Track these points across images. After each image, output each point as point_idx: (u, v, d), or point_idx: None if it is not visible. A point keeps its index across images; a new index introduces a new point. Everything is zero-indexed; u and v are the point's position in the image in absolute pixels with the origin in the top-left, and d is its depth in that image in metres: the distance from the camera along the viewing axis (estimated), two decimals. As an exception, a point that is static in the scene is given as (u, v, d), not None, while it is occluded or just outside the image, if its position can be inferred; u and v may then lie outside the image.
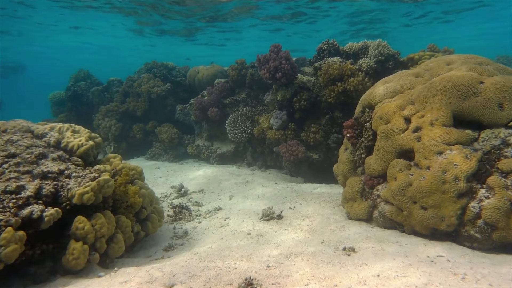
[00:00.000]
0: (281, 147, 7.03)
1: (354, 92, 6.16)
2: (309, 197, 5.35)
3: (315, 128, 6.95)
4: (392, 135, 4.03)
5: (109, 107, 10.50)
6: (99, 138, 4.05)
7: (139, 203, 3.69)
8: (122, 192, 3.66)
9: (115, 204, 3.63)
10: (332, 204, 4.96)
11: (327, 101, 6.76)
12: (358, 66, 6.35)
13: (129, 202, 3.65)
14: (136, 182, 4.00)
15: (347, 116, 6.65)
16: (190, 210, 5.17)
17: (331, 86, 6.43)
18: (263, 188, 5.97)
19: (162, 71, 10.84)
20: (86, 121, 11.55)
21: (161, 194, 6.03)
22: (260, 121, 7.76)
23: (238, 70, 9.07)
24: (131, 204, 3.67)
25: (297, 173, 7.15)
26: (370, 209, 4.13)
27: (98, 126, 10.58)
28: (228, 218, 4.79)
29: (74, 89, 11.60)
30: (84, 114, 11.75)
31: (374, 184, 4.20)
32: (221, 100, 9.21)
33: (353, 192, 4.40)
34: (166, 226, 4.68)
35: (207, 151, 9.36)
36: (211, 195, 5.96)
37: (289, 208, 4.90)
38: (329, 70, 6.39)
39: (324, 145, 6.99)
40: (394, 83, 4.51)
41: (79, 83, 12.24)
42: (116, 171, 3.82)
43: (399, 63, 6.24)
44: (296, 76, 7.33)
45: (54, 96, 12.68)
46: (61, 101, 12.32)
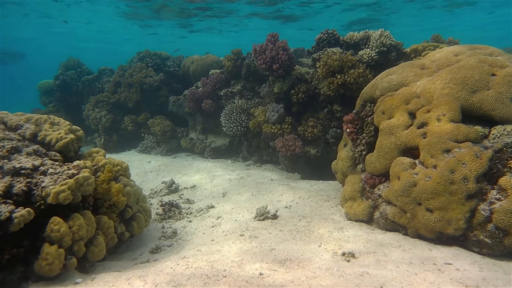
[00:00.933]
0: (278, 142, 6.80)
1: (354, 84, 5.92)
2: (306, 195, 5.13)
3: (313, 122, 6.71)
4: (395, 131, 3.80)
5: (99, 97, 10.19)
6: (80, 131, 3.79)
7: (122, 202, 3.46)
8: (105, 190, 3.42)
9: (97, 203, 3.39)
10: (330, 203, 4.75)
11: (326, 94, 6.51)
12: (359, 57, 6.10)
13: (112, 201, 3.41)
14: (121, 179, 3.75)
15: (346, 110, 6.42)
16: (180, 208, 4.94)
17: (330, 78, 6.18)
18: (258, 185, 5.74)
19: (155, 60, 10.53)
20: (76, 111, 11.26)
21: (151, 190, 5.79)
22: (256, 114, 7.50)
23: (234, 60, 8.78)
24: (114, 203, 3.44)
25: (294, 169, 6.93)
26: (371, 210, 3.92)
27: (87, 117, 10.28)
28: (220, 217, 4.56)
29: (63, 78, 11.26)
30: (74, 104, 11.44)
31: (375, 183, 3.98)
32: (216, 92, 8.93)
33: (353, 192, 4.18)
34: (155, 225, 4.45)
35: (201, 144, 9.11)
36: (204, 191, 5.73)
37: (285, 207, 4.68)
38: (329, 61, 6.13)
39: (322, 140, 6.76)
40: (397, 75, 4.27)
41: (69, 72, 11.90)
42: (99, 167, 3.57)
43: (402, 54, 5.99)
44: (294, 68, 7.07)
45: (43, 85, 12.33)
46: (50, 91, 11.99)
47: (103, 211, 3.37)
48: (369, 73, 5.86)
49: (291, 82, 6.89)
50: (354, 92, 6.02)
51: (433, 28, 18.85)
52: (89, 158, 3.71)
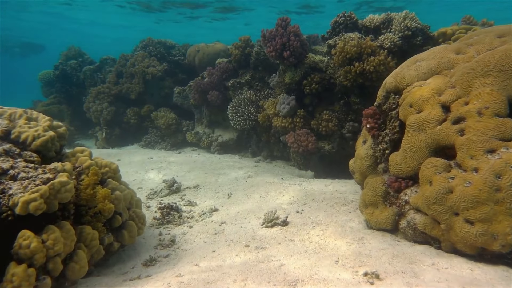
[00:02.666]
0: (289, 137, 6.34)
1: (374, 73, 5.41)
2: (320, 197, 4.69)
3: (328, 115, 6.23)
4: (425, 127, 3.31)
5: (100, 88, 9.86)
6: (63, 127, 3.41)
7: (109, 209, 3.07)
8: (89, 196, 3.04)
9: (80, 211, 3.01)
10: (347, 207, 4.29)
11: (342, 84, 6.02)
12: (380, 43, 5.57)
13: (98, 209, 3.03)
14: (109, 183, 3.37)
15: (365, 102, 5.92)
16: (180, 211, 4.56)
17: (348, 66, 5.68)
18: (267, 185, 5.32)
19: (158, 49, 10.13)
20: (78, 103, 11.00)
21: (151, 190, 5.43)
22: (266, 106, 7.05)
23: (242, 48, 8.33)
24: (100, 211, 3.05)
25: (307, 166, 6.48)
26: (396, 218, 3.46)
27: (88, 109, 9.98)
28: (224, 223, 4.16)
29: (62, 68, 10.98)
30: (75, 96, 11.16)
31: (401, 187, 3.51)
32: (222, 83, 8.50)
33: (374, 196, 3.72)
34: (151, 232, 4.08)
35: (208, 139, 8.71)
36: (207, 192, 5.33)
37: (296, 212, 4.25)
38: (346, 48, 5.62)
39: (337, 135, 6.28)
40: (428, 61, 3.75)
41: (70, 62, 11.61)
42: (83, 169, 3.19)
43: (428, 38, 5.44)
44: (306, 55, 6.57)
45: (44, 76, 12.09)
46: (51, 81, 11.74)
47: (86, 220, 2.99)
48: (391, 61, 5.34)
49: (303, 71, 6.40)
50: (374, 82, 5.52)
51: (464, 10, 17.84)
52: (72, 158, 3.33)
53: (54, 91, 11.38)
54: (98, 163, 3.46)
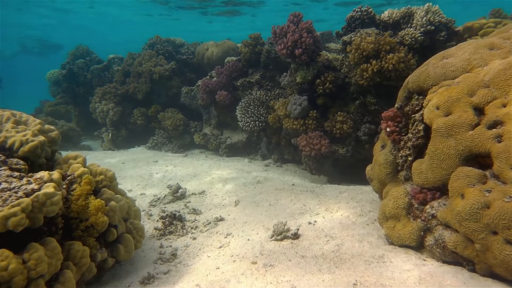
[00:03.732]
0: (300, 140, 6.02)
1: (393, 72, 5.05)
2: (334, 206, 4.36)
3: (342, 117, 5.89)
4: (455, 132, 2.97)
5: (106, 88, 9.68)
6: (55, 131, 3.16)
7: (103, 222, 2.81)
8: (81, 208, 2.78)
9: (70, 225, 2.76)
10: (365, 218, 3.96)
11: (358, 84, 5.68)
12: (400, 39, 5.21)
13: (90, 222, 2.77)
14: (104, 192, 3.11)
15: (383, 103, 5.57)
16: (184, 220, 4.28)
17: (364, 64, 5.34)
18: (277, 192, 5.01)
19: (166, 47, 9.90)
20: (85, 103, 10.85)
21: (154, 196, 5.17)
22: (276, 107, 6.74)
23: (252, 46, 8.03)
24: (92, 224, 2.79)
25: (319, 171, 6.14)
26: (421, 234, 3.11)
27: (94, 110, 9.81)
28: (230, 235, 3.87)
29: (69, 67, 10.83)
30: (82, 95, 11.01)
31: (426, 199, 3.16)
32: (231, 82, 8.22)
33: (396, 208, 3.38)
34: (152, 244, 3.81)
35: (216, 140, 8.44)
36: (213, 199, 5.05)
37: (309, 223, 3.93)
38: (362, 45, 5.28)
39: (353, 138, 5.93)
40: (456, 58, 3.40)
41: (77, 61, 11.47)
42: (75, 178, 2.93)
43: (453, 34, 5.07)
44: (320, 53, 6.25)
45: (51, 75, 11.97)
46: (58, 81, 11.62)
47: (77, 235, 2.73)
48: (412, 58, 4.98)
49: (316, 70, 6.07)
50: (393, 81, 5.18)
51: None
52: (64, 165, 3.08)
53: (61, 91, 11.26)
54: (93, 171, 3.20)
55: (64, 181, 2.91)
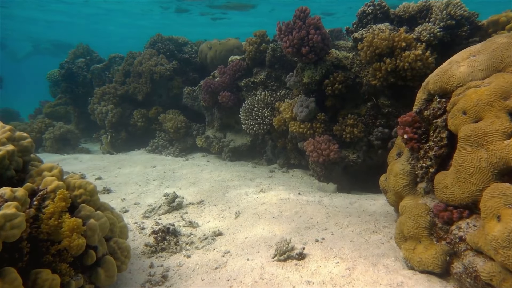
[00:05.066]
0: (307, 144, 5.63)
1: (409, 71, 4.65)
2: (344, 220, 3.97)
3: (353, 120, 5.49)
4: (487, 141, 2.57)
5: (105, 89, 9.39)
6: (27, 139, 2.83)
7: (78, 246, 2.46)
8: (52, 229, 2.44)
9: (40, 248, 2.41)
10: (379, 236, 3.56)
11: (369, 84, 5.28)
12: (416, 35, 4.80)
13: (62, 245, 2.42)
14: (82, 208, 2.76)
15: (398, 105, 5.17)
16: (179, 235, 3.93)
17: (377, 63, 4.94)
18: (281, 203, 4.63)
19: (167, 46, 9.58)
20: (84, 104, 10.59)
21: (149, 206, 4.83)
22: (281, 109, 6.36)
23: (257, 44, 7.66)
24: (66, 248, 2.44)
25: (328, 178, 5.75)
26: (447, 258, 2.71)
27: (93, 111, 9.53)
28: (228, 253, 3.51)
29: (68, 67, 10.56)
30: (82, 96, 10.75)
31: (452, 219, 2.76)
32: (235, 82, 7.86)
33: (416, 228, 2.98)
34: (141, 262, 3.46)
35: (219, 144, 8.09)
36: (212, 209, 4.69)
37: (316, 241, 3.55)
38: (375, 42, 4.88)
39: (364, 142, 5.53)
40: (486, 55, 2.99)
41: (78, 60, 11.21)
42: (47, 192, 2.59)
43: (476, 28, 4.64)
44: (328, 51, 5.86)
45: (51, 75, 11.76)
46: (58, 81, 11.38)
47: (47, 261, 2.39)
48: (431, 56, 4.57)
49: (325, 69, 5.68)
50: (409, 81, 4.77)
51: None
52: (37, 178, 2.74)
53: (59, 91, 11.01)
54: (71, 184, 2.86)
55: (35, 197, 2.58)
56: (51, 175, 2.76)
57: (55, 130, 9.22)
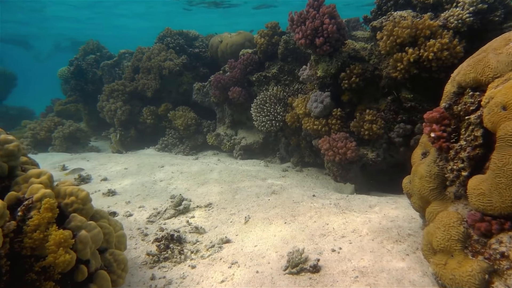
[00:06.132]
0: (322, 142, 5.31)
1: (434, 61, 4.26)
2: (364, 227, 3.64)
3: (372, 116, 5.13)
4: (533, 141, 2.20)
5: (113, 86, 9.22)
6: (13, 143, 2.60)
7: (65, 262, 2.22)
8: (37, 243, 2.21)
9: (23, 265, 2.18)
10: (403, 246, 3.22)
11: (390, 77, 4.91)
12: (443, 22, 4.40)
13: (47, 262, 2.19)
14: (73, 218, 2.53)
15: (421, 98, 4.80)
16: (184, 242, 3.68)
17: (398, 53, 4.56)
18: (294, 206, 4.33)
19: (177, 40, 9.32)
20: (94, 102, 10.45)
21: (154, 209, 4.59)
22: (294, 104, 6.03)
23: (269, 36, 7.34)
24: (51, 265, 2.21)
25: (345, 178, 5.42)
26: (486, 277, 2.37)
27: (101, 109, 9.38)
28: (236, 263, 3.23)
29: (77, 64, 10.42)
30: (92, 94, 10.61)
31: (491, 230, 2.41)
32: (246, 77, 7.57)
33: (447, 240, 2.63)
34: (141, 274, 3.22)
35: (230, 141, 7.82)
36: (221, 213, 4.43)
37: (332, 250, 3.24)
38: (396, 30, 4.50)
39: (384, 140, 5.17)
40: (529, 42, 2.61)
41: (88, 57, 11.09)
42: (33, 202, 2.36)
43: (511, 12, 4.21)
44: (344, 42, 5.49)
45: (62, 73, 11.68)
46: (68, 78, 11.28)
47: (30, 280, 2.16)
48: (459, 44, 4.17)
49: (341, 61, 5.33)
50: (434, 73, 4.40)
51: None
52: (24, 185, 2.51)
53: (69, 88, 10.91)
54: (61, 191, 2.63)
55: (20, 207, 2.35)
56: (38, 182, 2.53)
57: (64, 128, 9.12)
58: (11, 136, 2.65)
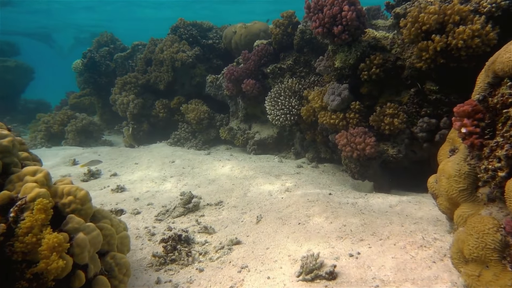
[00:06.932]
0: (340, 137, 5.04)
1: (464, 50, 3.93)
2: (384, 230, 3.38)
3: (393, 109, 4.83)
4: None
5: (126, 78, 9.10)
6: (7, 138, 2.45)
7: (58, 269, 2.06)
8: (29, 247, 2.06)
9: (13, 271, 2.03)
10: (429, 251, 2.96)
11: (413, 67, 4.59)
12: (474, 6, 4.05)
13: (38, 268, 2.03)
14: (70, 220, 2.36)
15: (448, 91, 4.47)
16: (192, 243, 3.51)
17: (423, 42, 4.24)
18: (309, 206, 4.10)
19: (190, 31, 9.13)
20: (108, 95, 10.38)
21: (163, 207, 4.44)
22: (310, 97, 5.77)
23: (284, 26, 7.07)
24: (43, 271, 2.05)
25: (363, 175, 5.14)
26: (525, 294, 2.10)
27: (114, 102, 9.29)
28: (246, 268, 3.04)
29: (90, 56, 10.35)
30: (105, 86, 10.54)
31: (533, 240, 2.14)
32: (260, 69, 7.33)
33: (481, 248, 2.36)
34: (146, 277, 3.06)
35: (243, 136, 7.62)
36: (231, 212, 4.24)
37: (350, 255, 3.00)
38: (421, 16, 4.18)
39: (406, 135, 4.87)
40: None
41: (101, 49, 11.02)
42: (26, 202, 2.20)
43: (551, -4, 3.83)
44: (365, 31, 5.18)
45: (77, 65, 11.64)
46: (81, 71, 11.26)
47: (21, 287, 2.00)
48: (492, 31, 3.82)
49: (360, 51, 5.03)
50: (464, 62, 4.06)
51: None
52: (18, 184, 2.36)
53: (82, 81, 10.88)
54: (58, 191, 2.47)
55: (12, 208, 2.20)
56: (34, 180, 2.37)
57: (77, 122, 9.08)
58: (5, 131, 2.50)
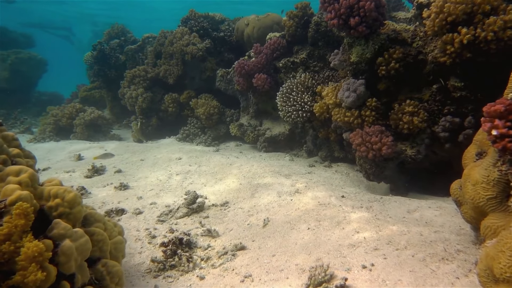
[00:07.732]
0: (354, 136, 4.77)
1: (494, 43, 3.61)
2: (401, 239, 3.12)
3: (413, 107, 4.54)
4: None
5: (135, 71, 8.96)
6: None
7: (36, 281, 1.88)
8: (6, 256, 1.89)
9: (-12, 282, 1.86)
10: (451, 266, 2.69)
11: (436, 62, 4.29)
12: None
13: (14, 281, 1.86)
14: (56, 225, 2.18)
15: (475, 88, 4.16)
16: (194, 247, 3.32)
17: (448, 34, 3.93)
18: (319, 210, 3.86)
19: (201, 23, 8.90)
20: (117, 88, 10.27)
21: (166, 207, 4.26)
22: (324, 93, 5.50)
23: (298, 18, 6.80)
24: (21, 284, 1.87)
25: (379, 177, 4.87)
26: None
27: (123, 95, 9.17)
28: (250, 277, 2.82)
29: (100, 48, 10.24)
30: (115, 79, 10.43)
31: None
32: (272, 63, 7.08)
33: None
34: (143, 284, 2.89)
35: (253, 132, 7.39)
36: (237, 214, 4.03)
37: (363, 267, 2.75)
38: (447, 6, 3.87)
39: (426, 134, 4.57)
40: None
41: (112, 41, 10.90)
42: (6, 206, 2.03)
43: None
44: (384, 23, 4.88)
45: (87, 58, 11.58)
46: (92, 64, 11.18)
47: (-5, 301, 1.83)
48: (526, 22, 3.49)
49: (378, 44, 4.74)
50: (493, 57, 3.74)
51: None
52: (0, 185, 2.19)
53: (92, 74, 10.80)
54: (44, 193, 2.29)
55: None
56: (17, 181, 2.20)
57: (85, 115, 9.00)
58: None
